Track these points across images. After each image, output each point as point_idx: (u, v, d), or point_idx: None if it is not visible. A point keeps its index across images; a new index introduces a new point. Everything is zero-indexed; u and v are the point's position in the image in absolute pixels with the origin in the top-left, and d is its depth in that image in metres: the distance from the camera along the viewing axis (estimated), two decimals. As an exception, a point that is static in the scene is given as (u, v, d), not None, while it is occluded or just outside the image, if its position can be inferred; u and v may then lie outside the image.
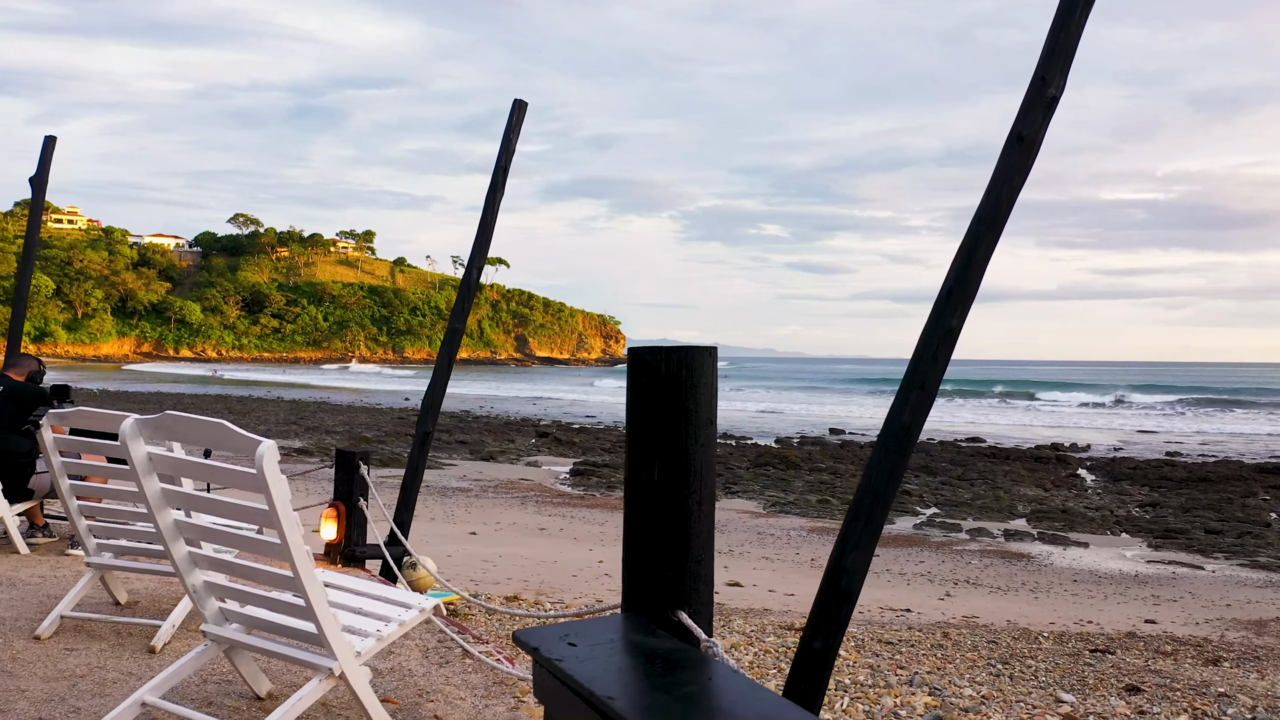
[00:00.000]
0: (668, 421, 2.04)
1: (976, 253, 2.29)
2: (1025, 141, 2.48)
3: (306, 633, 3.22)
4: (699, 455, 2.06)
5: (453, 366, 4.99)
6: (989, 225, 2.31)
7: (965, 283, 2.30)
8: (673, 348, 2.10)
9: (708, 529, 2.08)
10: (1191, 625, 8.93)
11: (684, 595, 2.03)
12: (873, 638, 6.51)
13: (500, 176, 4.91)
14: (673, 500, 2.03)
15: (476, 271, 5.00)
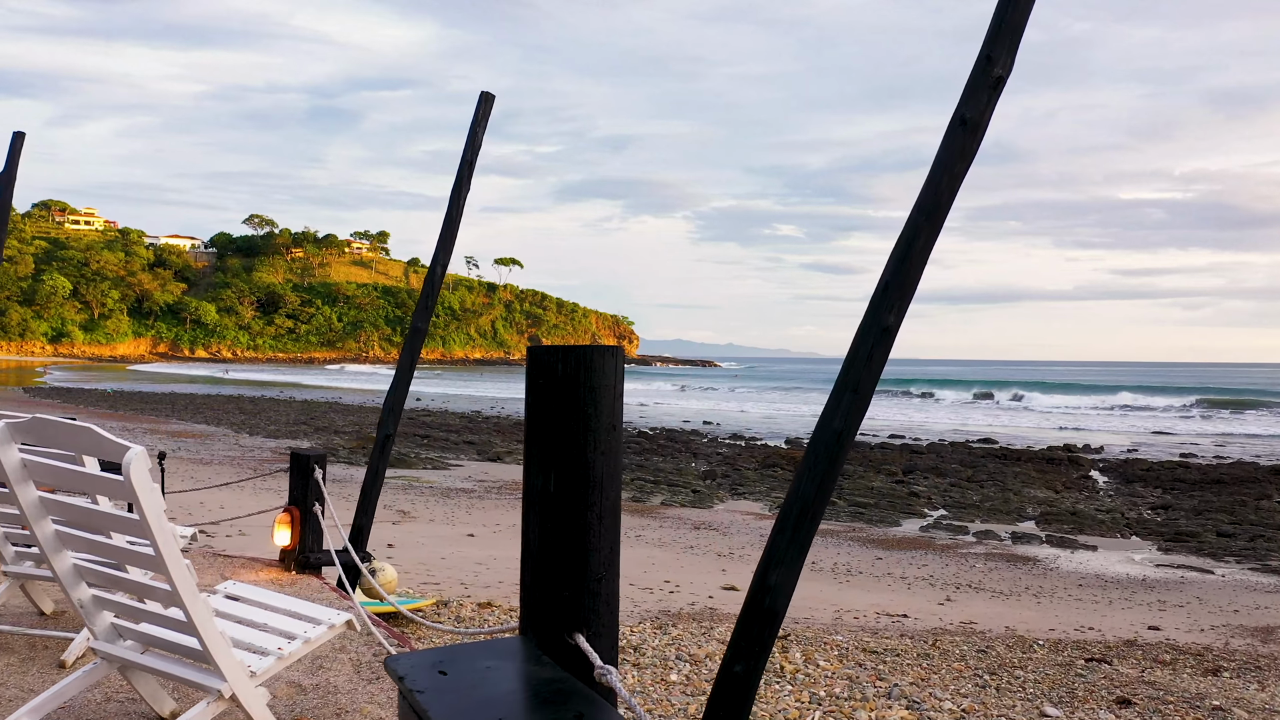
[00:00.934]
0: (565, 427, 1.89)
1: (915, 245, 2.11)
2: (969, 125, 2.29)
3: (198, 650, 3.06)
4: (600, 464, 1.90)
5: (415, 367, 4.82)
6: (929, 216, 2.13)
7: (903, 277, 2.10)
8: (571, 347, 1.96)
9: (610, 545, 1.92)
10: (1196, 632, 8.71)
11: (582, 617, 1.87)
12: (858, 646, 6.34)
13: (465, 171, 4.75)
14: (570, 513, 1.88)
15: (440, 269, 4.84)
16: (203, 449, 26.03)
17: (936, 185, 2.12)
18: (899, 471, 24.39)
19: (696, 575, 10.60)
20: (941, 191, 2.09)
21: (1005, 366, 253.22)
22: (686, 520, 15.95)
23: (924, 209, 2.09)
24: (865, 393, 2.08)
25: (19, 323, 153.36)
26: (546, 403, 1.91)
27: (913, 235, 2.09)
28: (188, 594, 2.80)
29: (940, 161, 2.20)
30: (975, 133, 2.24)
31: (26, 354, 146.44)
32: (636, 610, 8.12)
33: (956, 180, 2.11)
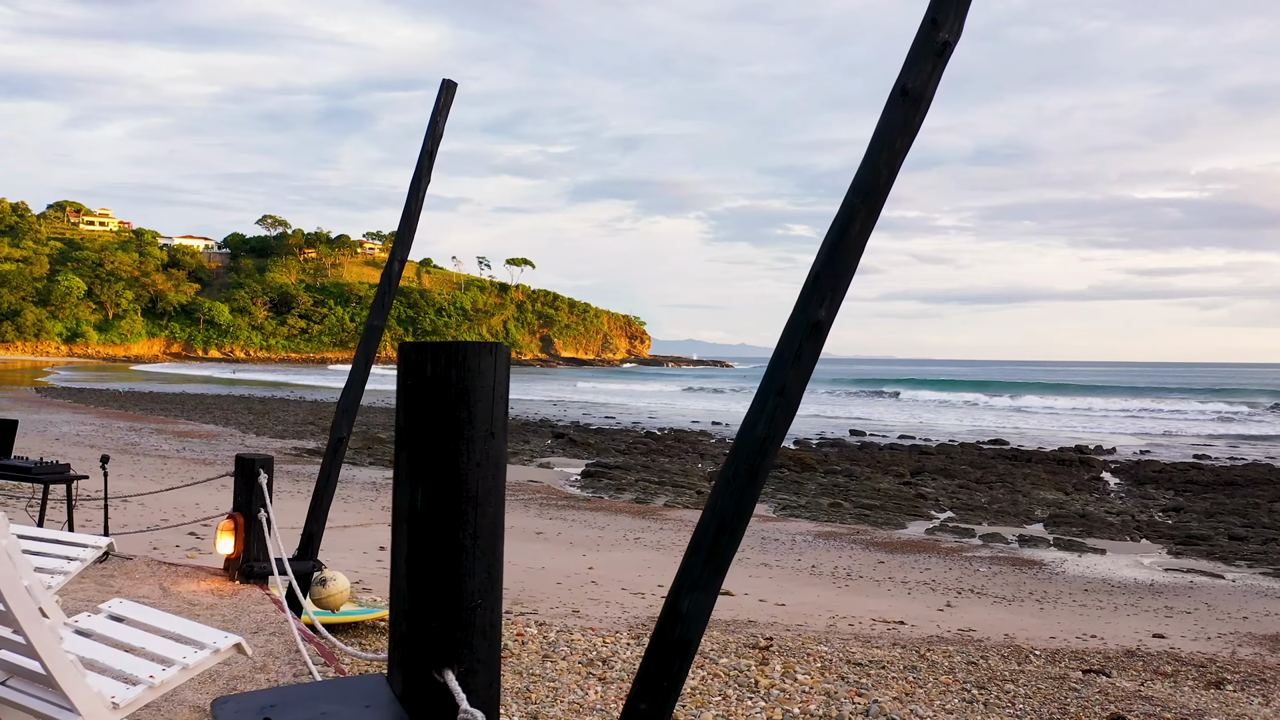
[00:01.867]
0: (434, 435, 1.67)
1: (851, 230, 1.87)
2: (911, 96, 2.05)
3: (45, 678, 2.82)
4: (475, 477, 1.68)
5: (371, 367, 4.61)
6: (866, 197, 1.88)
7: (837, 267, 1.89)
8: (442, 344, 1.72)
9: (488, 569, 1.70)
10: (1202, 640, 8.46)
11: (452, 651, 1.65)
12: (843, 657, 6.11)
13: (425, 163, 4.53)
14: (440, 533, 1.66)
15: (399, 264, 4.64)
16: (208, 449, 25.94)
17: (875, 163, 1.87)
18: (907, 473, 24.12)
19: (692, 579, 10.41)
20: (880, 170, 1.85)
21: (1018, 367, 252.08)
22: (688, 522, 15.74)
23: (861, 189, 1.85)
24: (793, 396, 1.84)
25: (34, 323, 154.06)
26: (415, 407, 1.70)
27: (848, 219, 1.84)
28: (27, 617, 2.60)
29: (880, 136, 1.97)
30: (918, 105, 2.01)
31: (41, 354, 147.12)
32: (624, 616, 7.92)
33: (898, 157, 1.87)
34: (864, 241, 1.85)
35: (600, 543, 12.95)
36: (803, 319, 1.86)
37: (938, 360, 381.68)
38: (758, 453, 1.89)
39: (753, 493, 1.88)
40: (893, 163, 1.88)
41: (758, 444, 1.88)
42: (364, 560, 10.21)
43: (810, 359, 1.87)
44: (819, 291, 1.87)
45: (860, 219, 1.85)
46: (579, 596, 8.84)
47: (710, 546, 1.91)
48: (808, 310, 1.86)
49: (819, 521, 16.90)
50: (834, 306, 1.86)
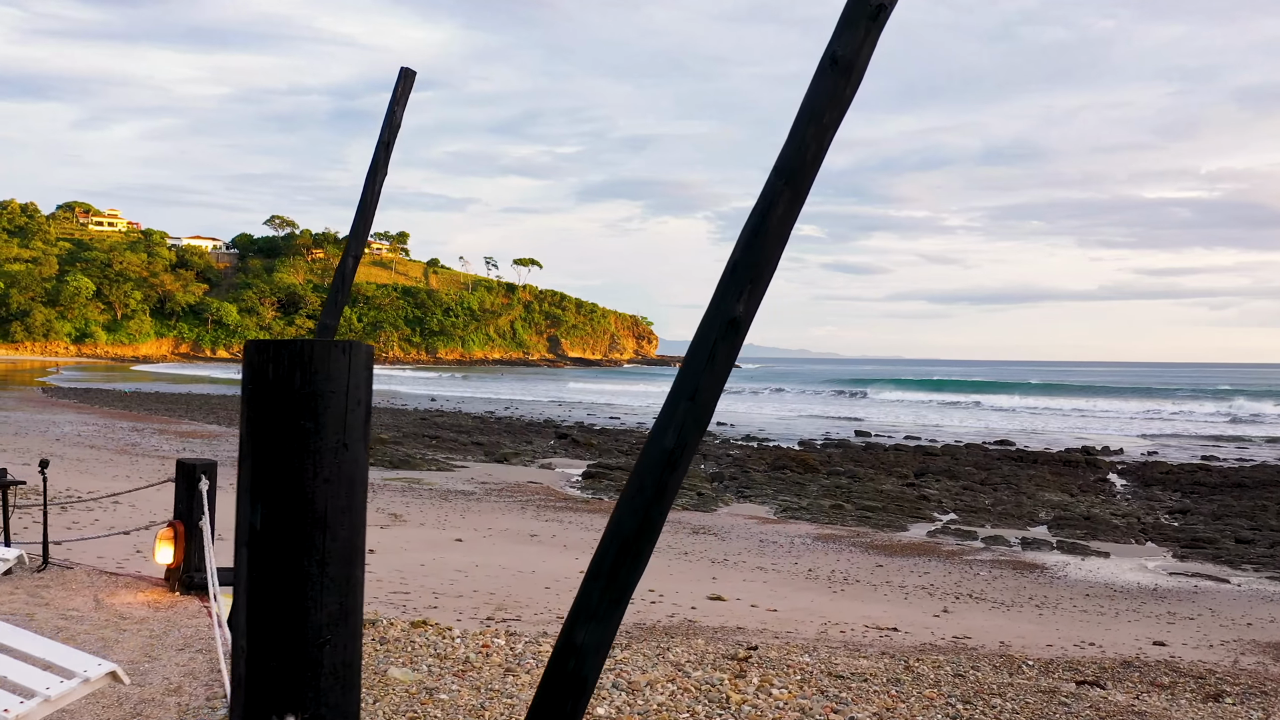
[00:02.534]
0: (276, 447, 1.46)
1: (772, 216, 1.65)
2: (841, 65, 1.83)
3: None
4: (324, 496, 1.46)
5: None
6: (791, 179, 1.67)
7: (757, 256, 1.67)
8: (287, 342, 1.51)
9: (340, 600, 1.49)
10: (1204, 648, 8.23)
11: (295, 694, 1.43)
12: (825, 670, 5.90)
13: (381, 154, 4.35)
14: (282, 558, 1.44)
15: (353, 260, 4.44)
16: (208, 450, 25.84)
17: (800, 140, 1.65)
18: (910, 474, 23.88)
19: (684, 584, 10.21)
20: (807, 148, 1.63)
21: (1025, 368, 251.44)
22: (686, 524, 15.55)
23: (784, 170, 1.64)
24: (706, 401, 1.62)
25: (43, 323, 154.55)
26: (257, 415, 1.49)
27: (769, 203, 1.62)
28: None
29: (806, 111, 1.74)
30: (849, 75, 1.79)
31: (50, 354, 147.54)
32: (609, 623, 7.75)
33: (826, 133, 1.66)
34: (788, 228, 1.63)
35: (593, 545, 12.77)
36: (718, 315, 1.63)
37: (945, 360, 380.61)
38: (665, 466, 1.71)
39: (659, 510, 1.66)
40: (821, 139, 1.65)
41: (665, 456, 1.67)
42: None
43: (726, 360, 1.69)
44: (737, 284, 1.64)
45: (784, 202, 1.62)
46: (566, 601, 8.65)
47: (610, 572, 1.70)
48: (724, 305, 1.63)
49: (819, 523, 16.70)
50: (754, 301, 1.64)
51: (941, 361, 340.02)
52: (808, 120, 1.72)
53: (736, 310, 1.66)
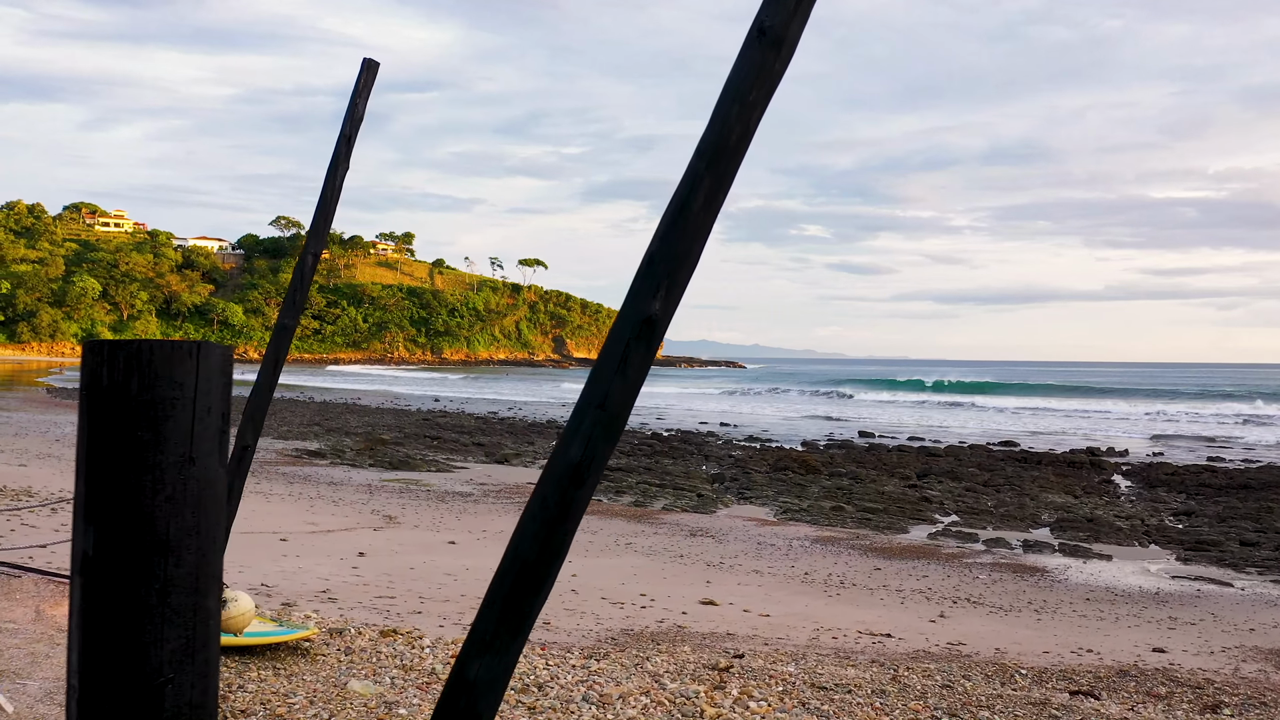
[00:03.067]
0: (112, 462, 1.30)
1: (694, 204, 1.51)
2: (770, 37, 1.69)
3: None
4: (166, 516, 1.31)
5: (280, 370, 4.26)
6: (713, 162, 1.53)
7: (675, 248, 1.50)
8: (125, 342, 1.35)
9: (186, 634, 1.32)
10: (1205, 655, 8.07)
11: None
12: (809, 680, 5.74)
13: (343, 148, 4.19)
14: (116, 588, 1.28)
15: (313, 258, 4.29)
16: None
17: (724, 120, 1.48)
18: (913, 475, 23.70)
19: (677, 587, 10.06)
20: (731, 128, 1.47)
21: (1032, 368, 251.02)
22: (684, 526, 15.41)
23: (706, 153, 1.47)
24: (617, 410, 1.50)
25: (49, 323, 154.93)
26: (92, 425, 1.34)
27: (689, 190, 1.44)
28: None
29: (732, 87, 1.58)
30: (779, 48, 1.61)
31: (57, 355, 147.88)
32: (595, 629, 7.60)
33: (752, 112, 1.49)
34: (711, 217, 1.47)
35: (589, 548, 12.63)
36: (631, 314, 1.49)
37: (952, 361, 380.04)
38: (571, 481, 1.51)
39: (564, 530, 1.49)
40: (747, 119, 1.49)
41: (570, 470, 1.50)
42: (338, 568, 9.92)
43: (641, 364, 1.53)
44: (653, 280, 1.51)
45: (705, 189, 1.47)
46: (554, 607, 8.51)
47: (507, 599, 1.52)
48: (638, 303, 1.45)
49: (819, 525, 16.54)
50: (672, 299, 1.50)
51: (948, 362, 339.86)
52: (733, 98, 1.54)
53: (652, 309, 1.51)
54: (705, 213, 1.47)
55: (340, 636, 5.88)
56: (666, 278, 1.46)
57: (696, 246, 1.46)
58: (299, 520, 13.65)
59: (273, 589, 8.30)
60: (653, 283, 1.48)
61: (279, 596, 7.94)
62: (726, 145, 1.47)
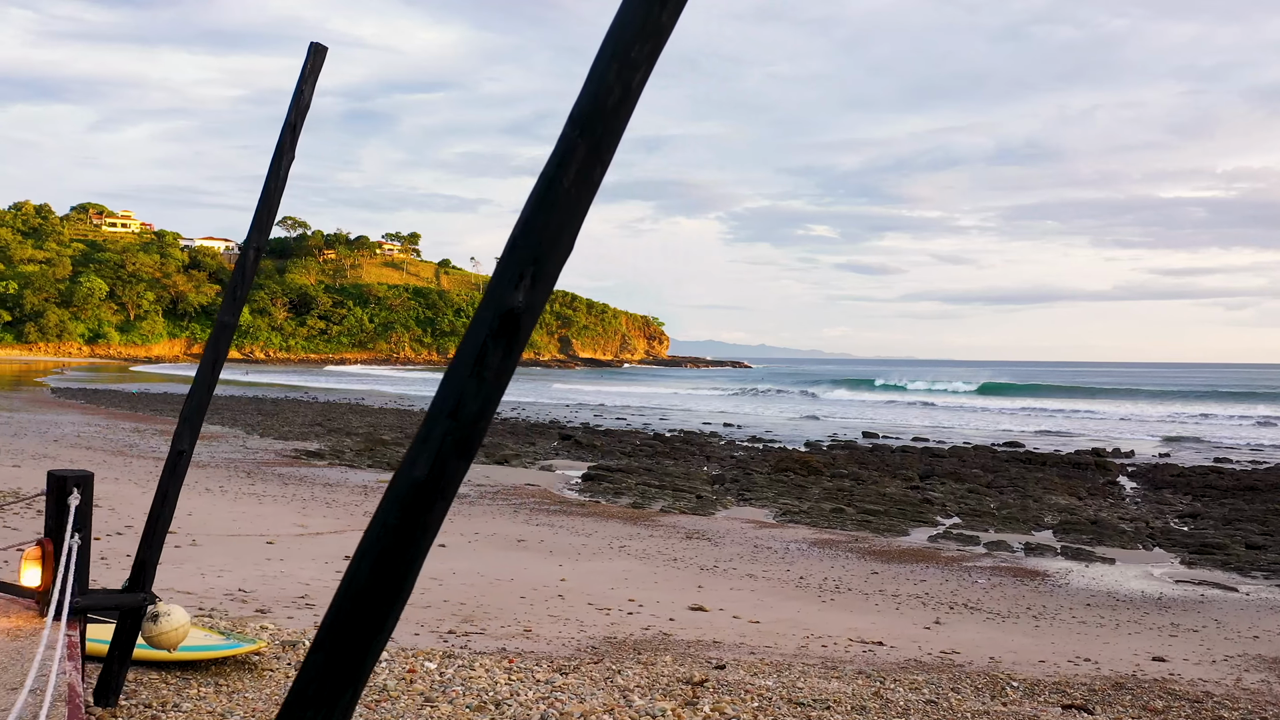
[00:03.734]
0: None
1: (564, 178, 1.27)
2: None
3: None
4: None
5: (219, 370, 4.04)
6: (588, 128, 1.28)
7: (544, 232, 1.25)
8: None
9: None
10: (1206, 664, 7.83)
11: None
12: (786, 695, 5.51)
13: (287, 136, 3.98)
14: None
15: (255, 252, 4.08)
16: (205, 451, 25.68)
17: (602, 81, 1.22)
18: (915, 476, 23.46)
19: (667, 593, 9.85)
20: (610, 91, 1.22)
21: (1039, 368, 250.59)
22: (681, 529, 15.20)
23: (581, 118, 1.21)
24: (473, 418, 1.25)
25: (56, 324, 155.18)
26: None
27: (561, 162, 1.26)
28: None
29: (611, 44, 1.38)
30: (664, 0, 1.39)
31: (63, 355, 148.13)
32: (577, 637, 7.39)
33: (634, 72, 1.23)
34: (586, 193, 1.24)
35: (582, 551, 12.43)
36: (491, 307, 1.28)
37: (959, 361, 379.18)
38: (416, 502, 1.28)
39: (407, 558, 1.25)
40: (628, 80, 1.25)
41: (415, 489, 1.28)
42: (322, 571, 9.72)
43: (502, 365, 1.29)
44: (516, 267, 1.27)
45: (579, 161, 1.26)
46: (538, 613, 8.31)
47: (338, 643, 1.24)
48: (499, 294, 1.27)
49: (818, 528, 16.32)
50: (541, 288, 1.27)
51: (955, 362, 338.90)
52: (612, 56, 1.28)
53: (514, 301, 1.26)
54: (579, 188, 1.23)
55: (293, 650, 5.65)
56: (532, 264, 1.22)
57: (569, 227, 1.23)
58: (289, 522, 13.47)
59: (250, 594, 8.11)
60: (515, 271, 1.24)
61: (254, 602, 7.75)
62: (604, 109, 1.24)
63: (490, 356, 1.22)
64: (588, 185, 1.23)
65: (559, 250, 1.23)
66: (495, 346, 1.22)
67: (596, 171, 1.22)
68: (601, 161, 1.23)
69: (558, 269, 1.24)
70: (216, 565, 9.52)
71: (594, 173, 1.22)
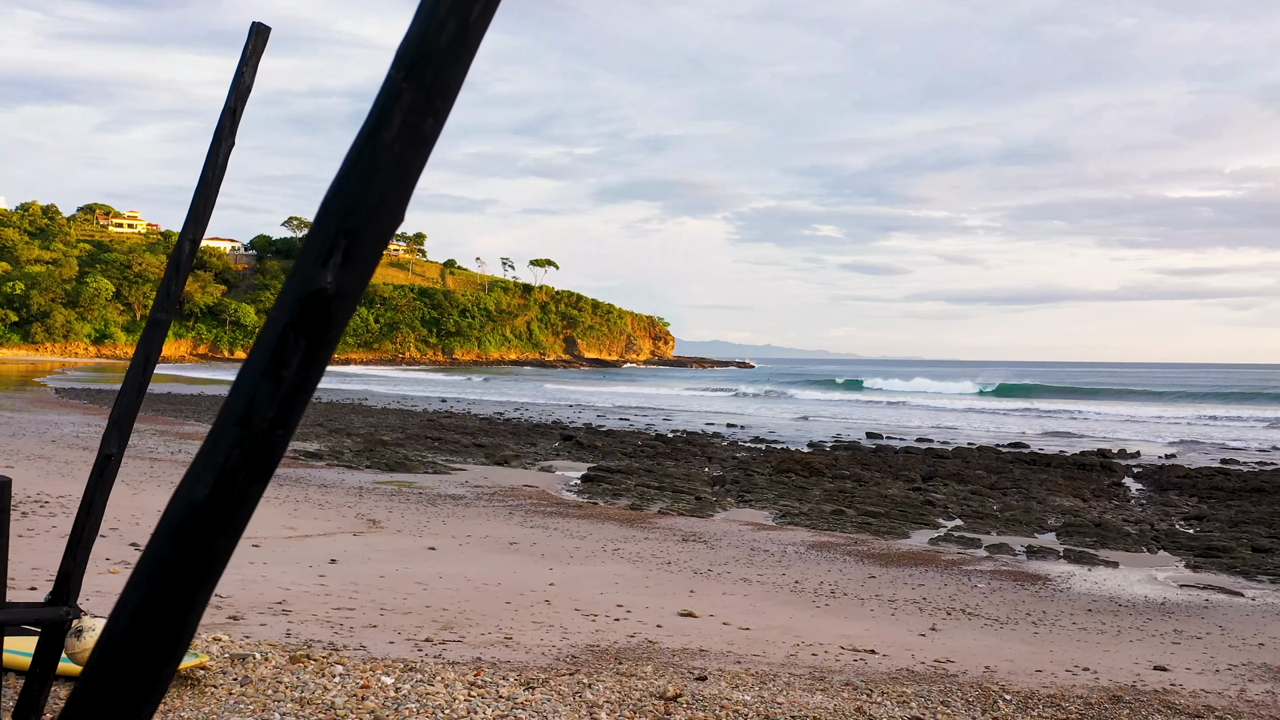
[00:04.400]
0: None
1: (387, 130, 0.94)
2: None
3: None
4: None
5: (151, 370, 3.83)
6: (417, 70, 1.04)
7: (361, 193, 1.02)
8: None
9: None
10: (1210, 674, 7.59)
11: None
12: (764, 712, 5.21)
13: (227, 121, 3.77)
14: None
15: (190, 244, 3.87)
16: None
17: (433, 16, 0.95)
18: (918, 478, 23.21)
19: (657, 598, 9.63)
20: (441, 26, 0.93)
21: (1046, 368, 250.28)
22: (677, 531, 14.98)
23: (406, 61, 0.95)
24: (268, 426, 1.03)
25: (63, 324, 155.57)
26: None
27: (383, 112, 1.02)
28: None
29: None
30: None
31: (70, 355, 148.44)
32: (558, 646, 7.17)
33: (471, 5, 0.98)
34: (415, 150, 0.93)
35: (574, 554, 12.22)
36: (293, 290, 1.02)
37: (964, 361, 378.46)
38: (194, 531, 1.03)
39: (183, 602, 0.95)
40: (464, 12, 0.98)
41: (193, 514, 1.03)
42: (304, 576, 9.51)
43: (307, 361, 1.02)
44: (324, 239, 1.01)
45: (405, 109, 1.02)
46: (522, 619, 8.08)
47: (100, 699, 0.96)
48: (303, 273, 1.02)
49: (817, 530, 16.09)
50: (357, 266, 1.02)
51: (960, 362, 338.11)
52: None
53: (322, 280, 1.01)
54: (406, 143, 0.97)
55: (242, 664, 5.39)
56: (345, 236, 0.98)
57: (394, 193, 0.97)
58: (278, 525, 13.28)
59: (225, 600, 7.90)
60: (324, 244, 0.98)
61: (229, 609, 7.55)
62: (435, 48, 0.99)
63: (290, 351, 0.97)
64: (416, 140, 0.99)
65: (381, 220, 0.99)
66: (297, 338, 0.98)
67: (427, 123, 0.99)
68: (433, 111, 0.99)
69: (380, 243, 1.00)
70: (197, 569, 9.32)
71: (423, 125, 0.99)
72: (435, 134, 1.03)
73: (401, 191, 1.02)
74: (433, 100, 0.99)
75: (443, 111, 1.02)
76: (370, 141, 1.00)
